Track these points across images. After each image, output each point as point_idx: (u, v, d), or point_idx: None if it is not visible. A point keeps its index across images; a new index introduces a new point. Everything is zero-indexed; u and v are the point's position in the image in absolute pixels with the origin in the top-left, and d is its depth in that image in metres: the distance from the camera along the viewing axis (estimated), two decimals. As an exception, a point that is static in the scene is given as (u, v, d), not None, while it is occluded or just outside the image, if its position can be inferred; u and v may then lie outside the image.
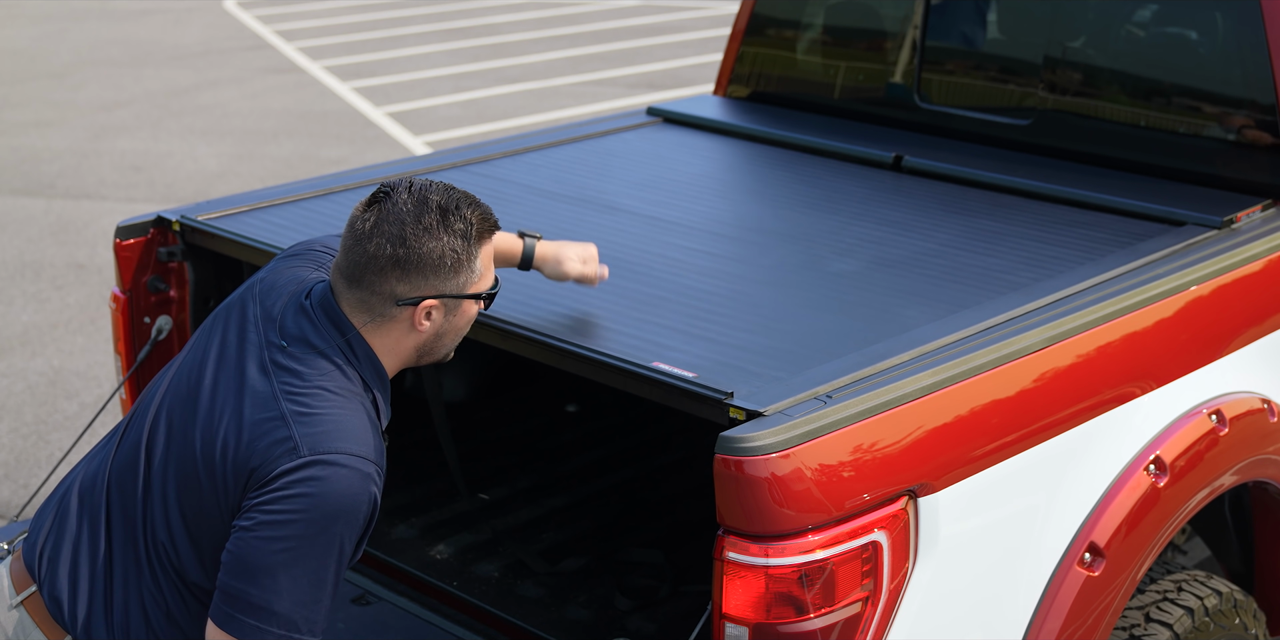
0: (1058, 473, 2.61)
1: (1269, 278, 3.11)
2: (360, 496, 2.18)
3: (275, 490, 2.16)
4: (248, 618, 2.16)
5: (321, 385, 2.26)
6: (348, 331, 2.31)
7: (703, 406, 2.42)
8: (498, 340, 2.78)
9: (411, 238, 2.25)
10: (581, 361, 2.62)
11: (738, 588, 2.24)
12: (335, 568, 2.19)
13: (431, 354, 2.41)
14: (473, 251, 2.32)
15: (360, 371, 2.31)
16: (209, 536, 2.26)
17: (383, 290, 2.28)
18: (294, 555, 2.15)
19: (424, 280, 2.28)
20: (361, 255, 2.27)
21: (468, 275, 2.32)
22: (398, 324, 2.32)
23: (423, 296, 2.29)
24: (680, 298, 2.89)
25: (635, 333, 2.71)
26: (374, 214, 2.28)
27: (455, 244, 2.29)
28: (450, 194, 2.33)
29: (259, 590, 2.15)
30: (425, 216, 2.27)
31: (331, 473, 2.16)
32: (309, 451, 2.17)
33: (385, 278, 2.27)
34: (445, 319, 2.35)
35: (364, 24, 14.00)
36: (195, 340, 2.44)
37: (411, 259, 2.26)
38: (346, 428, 2.22)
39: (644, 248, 3.20)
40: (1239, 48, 3.45)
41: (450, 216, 2.28)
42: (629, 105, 10.26)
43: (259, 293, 2.42)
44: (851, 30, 4.26)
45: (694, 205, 3.53)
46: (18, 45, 12.87)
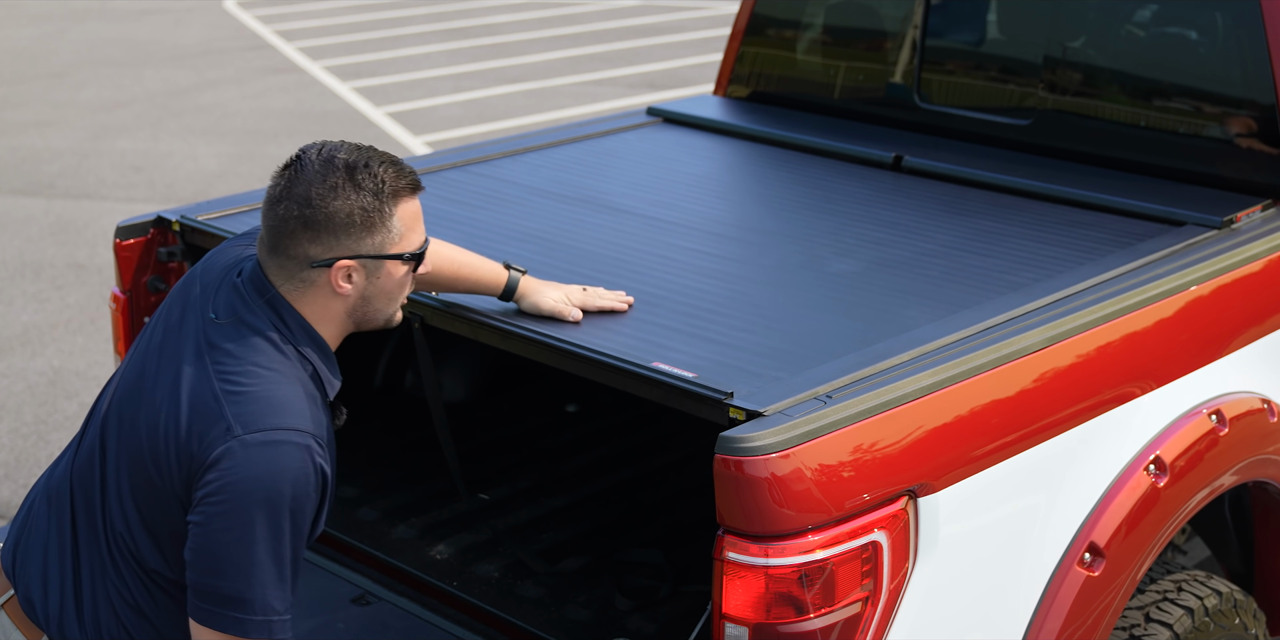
0: (1058, 473, 2.61)
1: (1269, 278, 3.11)
2: (303, 469, 2.18)
3: (217, 478, 2.15)
4: (226, 611, 2.17)
5: (254, 361, 2.23)
6: (280, 307, 2.28)
7: (703, 406, 2.42)
8: (498, 340, 2.78)
9: (317, 197, 2.22)
10: (581, 361, 2.62)
11: (737, 588, 2.24)
12: (293, 542, 2.19)
13: (367, 319, 2.36)
14: (386, 209, 2.26)
15: (295, 344, 2.28)
16: (162, 522, 2.26)
17: (297, 253, 2.25)
18: (251, 541, 2.15)
19: (335, 240, 2.24)
20: (275, 220, 2.25)
21: (384, 235, 2.27)
22: (319, 288, 2.28)
23: (335, 257, 2.25)
24: (680, 298, 2.89)
25: (635, 333, 2.71)
26: (285, 178, 2.26)
27: (364, 201, 2.23)
28: (360, 152, 2.28)
29: (228, 582, 2.16)
30: (331, 175, 2.23)
31: (269, 451, 2.15)
32: (243, 430, 2.16)
33: (297, 240, 2.24)
34: (368, 281, 2.29)
35: (364, 24, 14.00)
36: (143, 332, 2.44)
37: (319, 219, 2.22)
38: (279, 402, 2.20)
39: (644, 248, 3.20)
40: (1239, 48, 3.45)
41: (358, 174, 2.24)
42: (629, 105, 10.26)
43: (200, 275, 2.40)
44: (851, 30, 4.26)
45: (694, 205, 3.53)
46: (18, 45, 12.88)
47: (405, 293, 2.38)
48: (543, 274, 3.03)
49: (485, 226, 3.35)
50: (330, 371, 2.35)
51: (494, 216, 3.42)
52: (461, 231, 3.30)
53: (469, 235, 3.28)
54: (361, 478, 3.59)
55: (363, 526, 3.37)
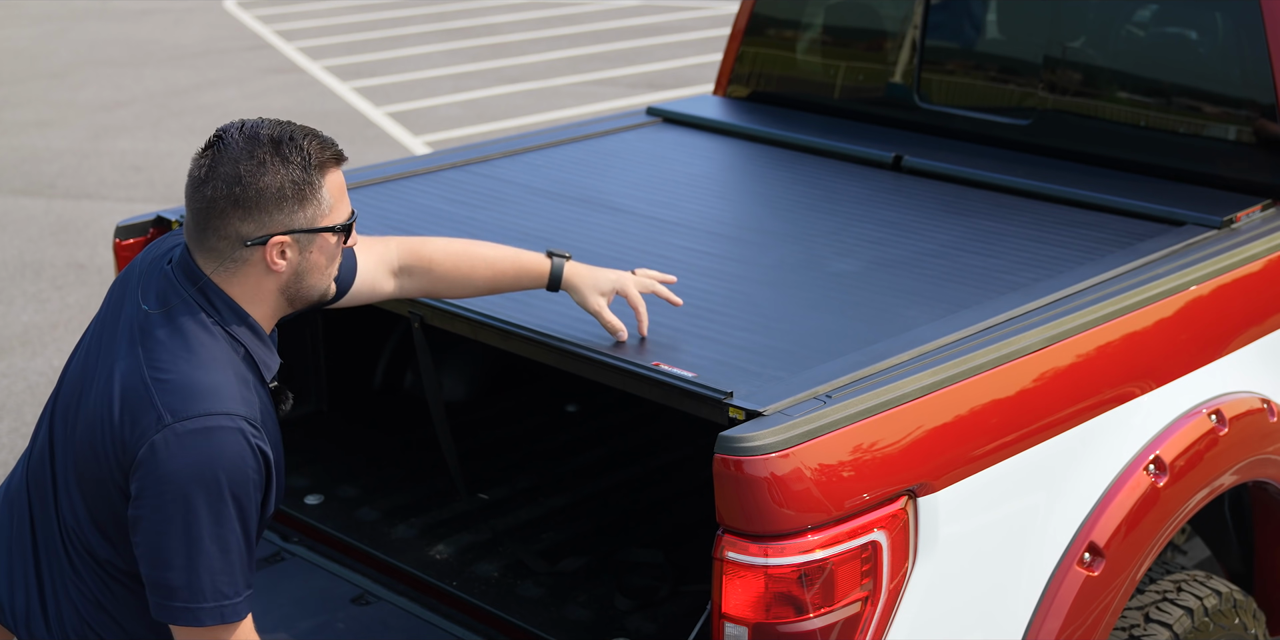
0: (1057, 472, 2.61)
1: (1269, 278, 3.11)
2: (237, 452, 2.16)
3: (151, 469, 2.15)
4: (177, 602, 2.17)
5: (182, 346, 2.22)
6: (207, 289, 2.26)
7: (702, 406, 2.42)
8: (498, 340, 2.78)
9: (246, 174, 2.19)
10: (581, 361, 2.62)
11: (737, 587, 2.24)
12: (241, 526, 2.18)
13: (300, 295, 2.33)
14: (314, 181, 2.24)
15: (225, 325, 2.26)
16: (107, 512, 2.26)
17: (229, 233, 2.22)
18: (193, 530, 2.15)
19: (268, 217, 2.21)
20: (202, 201, 2.22)
21: (315, 208, 2.25)
22: (251, 267, 2.26)
23: (270, 234, 2.22)
24: (680, 297, 2.89)
25: (635, 332, 2.71)
26: (208, 158, 2.22)
27: (294, 174, 2.21)
28: (284, 127, 2.25)
29: (175, 573, 2.16)
30: (258, 151, 2.20)
31: (199, 438, 2.14)
32: (172, 418, 2.15)
33: (228, 220, 2.21)
34: (301, 256, 2.27)
35: (364, 24, 14.00)
36: (87, 328, 2.44)
37: (250, 196, 2.19)
38: (207, 387, 2.18)
39: (644, 248, 3.20)
40: (1239, 48, 3.45)
41: (284, 147, 2.21)
42: (629, 105, 10.26)
43: (136, 267, 2.39)
44: (851, 30, 4.26)
45: (694, 205, 3.53)
46: (18, 45, 12.88)
47: (336, 266, 2.36)
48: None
49: (485, 226, 3.35)
50: (265, 352, 2.33)
51: (494, 216, 3.42)
52: (462, 231, 3.30)
53: (469, 235, 3.28)
54: (361, 478, 3.59)
55: (363, 526, 3.37)
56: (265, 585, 3.13)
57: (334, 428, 3.84)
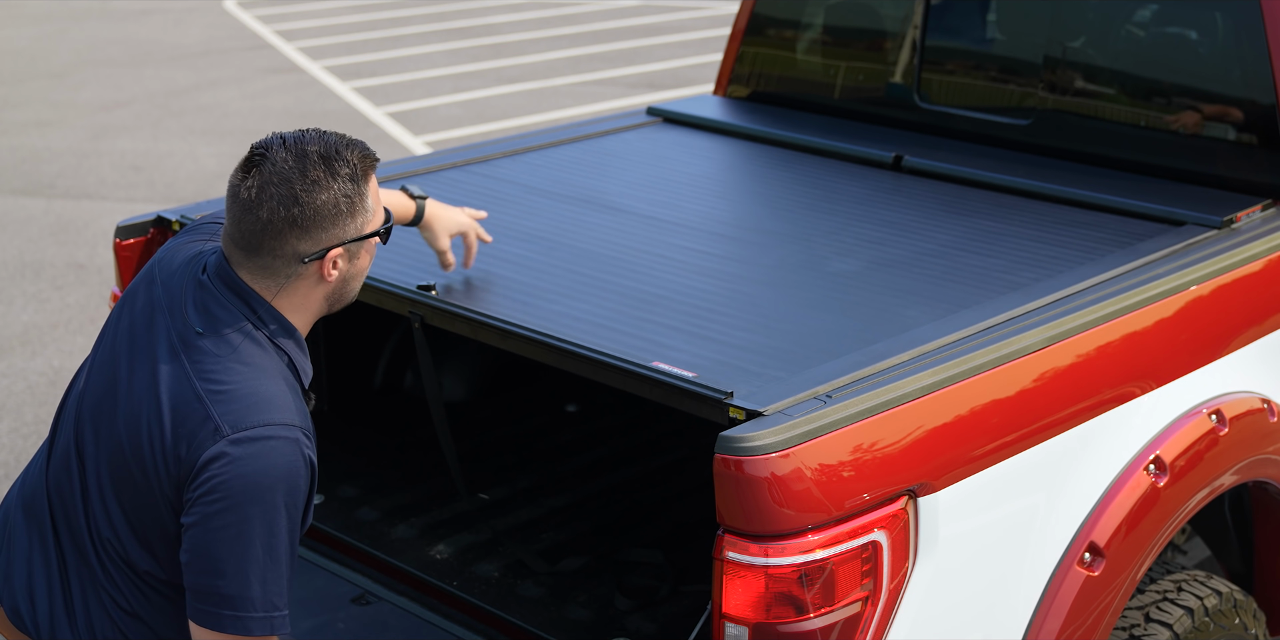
0: (1058, 472, 2.61)
1: (1269, 278, 3.11)
2: (294, 463, 2.17)
3: (209, 478, 2.14)
4: (226, 610, 2.17)
5: (233, 358, 2.22)
6: (253, 302, 2.27)
7: (703, 406, 2.42)
8: (498, 340, 2.77)
9: (303, 194, 2.19)
10: (581, 361, 2.62)
11: (737, 587, 2.24)
12: (288, 538, 2.18)
13: (342, 300, 2.37)
14: (363, 191, 2.26)
15: (271, 336, 2.27)
16: (152, 525, 2.25)
17: (285, 253, 2.23)
18: (247, 538, 2.14)
19: (324, 233, 2.23)
20: (255, 223, 2.21)
21: (364, 217, 2.27)
22: (304, 280, 2.27)
23: (326, 248, 2.24)
24: (680, 297, 2.89)
25: (635, 332, 2.71)
26: (256, 178, 2.21)
27: (346, 189, 2.23)
28: (325, 139, 2.26)
29: (226, 581, 2.15)
30: (311, 169, 2.20)
31: (259, 448, 2.14)
32: (231, 430, 2.15)
33: (284, 240, 2.21)
34: (351, 264, 2.30)
35: (364, 24, 14.00)
36: (104, 334, 2.42)
37: (308, 216, 2.20)
38: (264, 398, 2.19)
39: (644, 248, 3.20)
40: (1239, 48, 3.45)
41: (335, 163, 2.22)
42: (629, 105, 10.26)
43: (159, 275, 2.38)
44: (851, 30, 4.26)
45: (694, 205, 3.53)
46: (18, 45, 12.87)
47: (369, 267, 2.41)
48: (543, 273, 3.04)
49: (485, 226, 3.35)
50: (304, 359, 2.35)
51: (494, 216, 3.42)
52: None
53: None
54: (361, 478, 3.59)
55: (363, 526, 3.37)
56: (265, 585, 3.12)
57: (334, 428, 3.84)
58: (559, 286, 2.96)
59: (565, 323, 2.74)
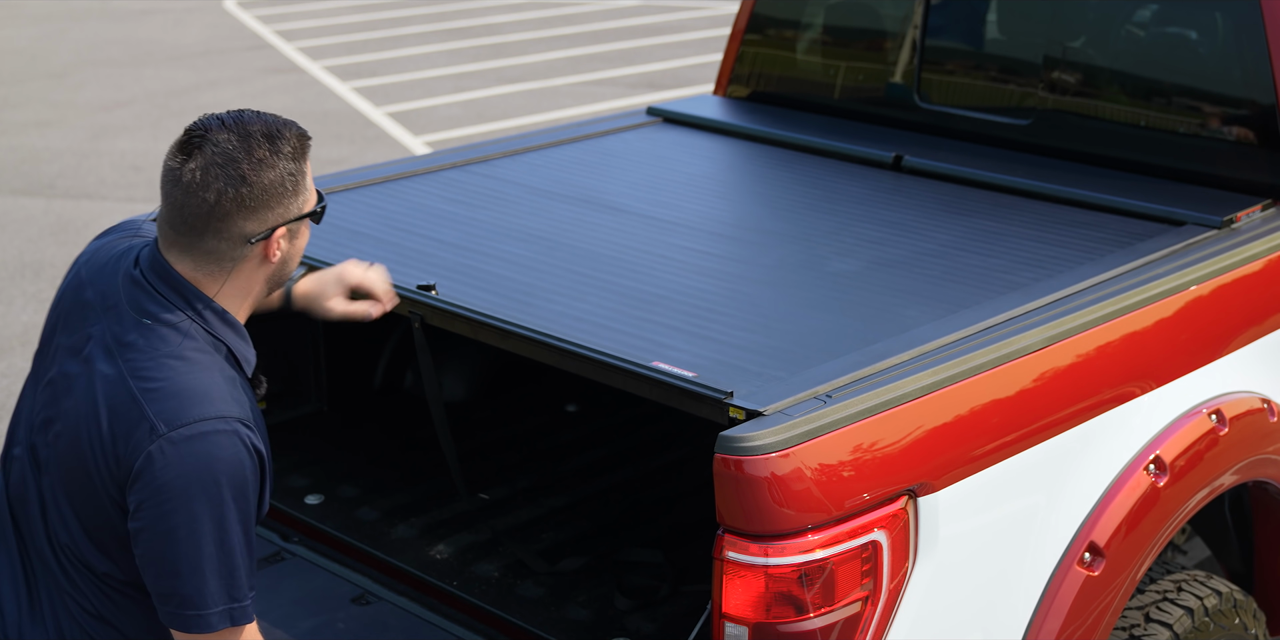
0: (1058, 472, 2.61)
1: (1269, 278, 3.11)
2: (236, 455, 2.16)
3: (150, 480, 2.13)
4: (188, 611, 2.17)
5: (165, 353, 2.20)
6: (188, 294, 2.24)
7: (702, 406, 2.42)
8: (497, 340, 2.77)
9: (251, 173, 2.17)
10: (581, 361, 2.62)
11: (737, 587, 2.24)
12: (241, 529, 2.18)
13: (280, 282, 2.35)
14: (304, 169, 2.26)
15: (207, 327, 2.25)
16: (105, 528, 2.25)
17: (232, 235, 2.21)
18: (197, 537, 2.13)
19: (270, 212, 2.22)
20: (201, 206, 2.17)
21: (304, 195, 2.27)
22: (248, 262, 2.26)
23: (272, 228, 2.23)
24: (680, 297, 2.89)
25: (635, 332, 2.71)
26: (198, 160, 2.18)
27: (290, 167, 2.22)
28: (264, 118, 2.25)
29: (182, 582, 2.15)
30: (256, 149, 2.19)
31: (196, 444, 2.13)
32: (167, 427, 2.13)
33: (232, 222, 2.19)
34: (291, 244, 2.30)
35: (364, 24, 14.00)
36: (42, 341, 2.40)
37: (256, 195, 2.18)
38: (199, 392, 2.17)
39: (644, 248, 3.20)
40: (1239, 48, 3.45)
41: (278, 141, 2.21)
42: (629, 105, 10.26)
43: (86, 276, 2.35)
44: (851, 30, 4.26)
45: (694, 205, 3.53)
46: (18, 45, 12.87)
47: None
48: (543, 272, 3.04)
49: (485, 226, 3.35)
50: (245, 347, 2.32)
51: (494, 216, 3.42)
52: (462, 231, 3.30)
53: (470, 235, 3.28)
54: (361, 478, 3.59)
55: (363, 526, 3.37)
56: (265, 585, 3.12)
57: (334, 428, 3.84)
58: (559, 286, 2.96)
59: (565, 323, 2.74)
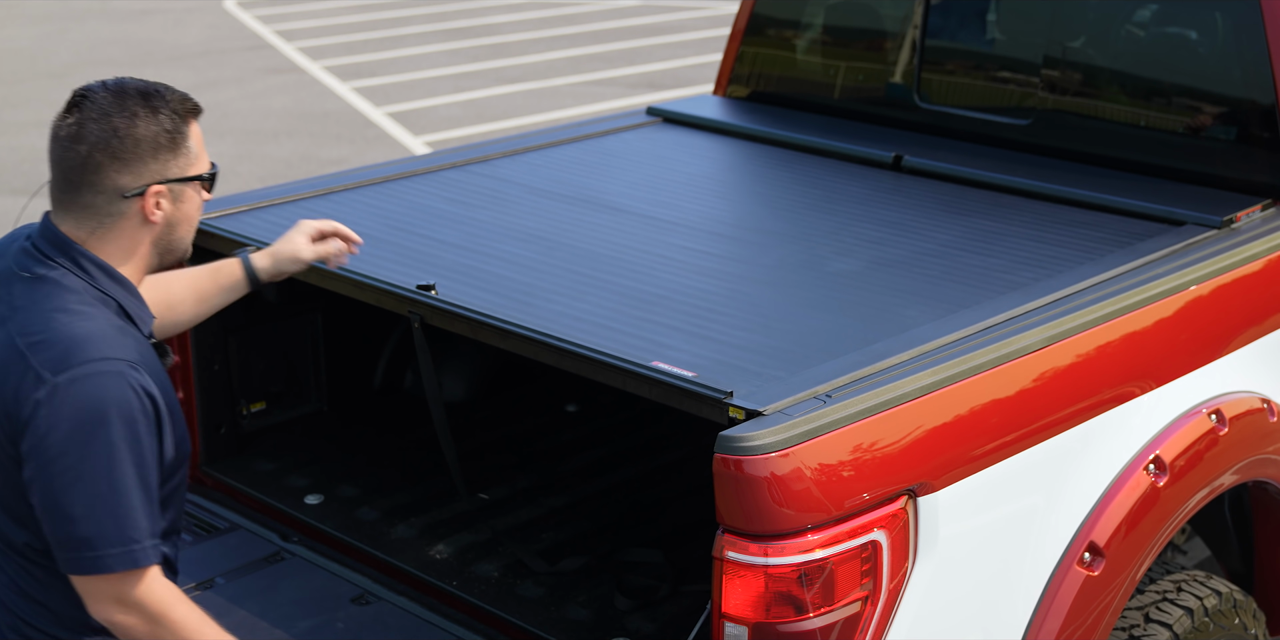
0: (1057, 472, 2.61)
1: (1269, 278, 3.11)
2: (122, 395, 2.18)
3: (37, 426, 2.16)
4: (85, 552, 2.17)
5: (50, 308, 2.25)
6: (73, 251, 2.30)
7: (702, 406, 2.42)
8: (497, 339, 2.77)
9: (122, 126, 2.26)
10: (581, 361, 2.62)
11: (737, 587, 2.24)
12: (136, 471, 2.19)
13: (171, 248, 2.39)
14: (183, 131, 2.32)
15: (94, 284, 2.30)
16: (14, 493, 2.27)
17: (105, 187, 2.28)
18: (89, 478, 2.15)
19: (144, 166, 2.28)
20: (76, 159, 2.27)
21: (186, 157, 2.32)
22: (128, 221, 2.31)
23: (147, 183, 2.28)
24: (680, 297, 2.89)
25: (635, 332, 2.71)
26: (76, 116, 2.28)
27: (165, 123, 2.29)
28: (146, 82, 2.34)
29: (77, 525, 2.16)
30: (130, 103, 2.28)
31: (80, 386, 2.16)
32: (51, 374, 2.17)
33: (105, 173, 2.26)
34: (175, 206, 2.34)
35: (364, 24, 14.00)
36: None
37: (127, 146, 2.26)
38: (81, 337, 2.21)
39: (644, 248, 3.20)
40: (1239, 48, 3.45)
41: (154, 100, 2.30)
42: (629, 105, 10.26)
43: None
44: (851, 30, 4.26)
45: (694, 205, 3.53)
46: (18, 45, 12.87)
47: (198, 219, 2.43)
48: (543, 273, 3.04)
49: (485, 226, 3.35)
50: (138, 306, 2.36)
51: (494, 216, 3.42)
52: (462, 231, 3.30)
53: (469, 235, 3.28)
54: (361, 478, 3.59)
55: (363, 526, 3.37)
56: (265, 585, 3.13)
57: (334, 428, 3.84)
58: (559, 286, 2.96)
59: (565, 322, 2.74)
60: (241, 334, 3.63)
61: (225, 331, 3.57)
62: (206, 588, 3.10)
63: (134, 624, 2.24)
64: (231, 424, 3.66)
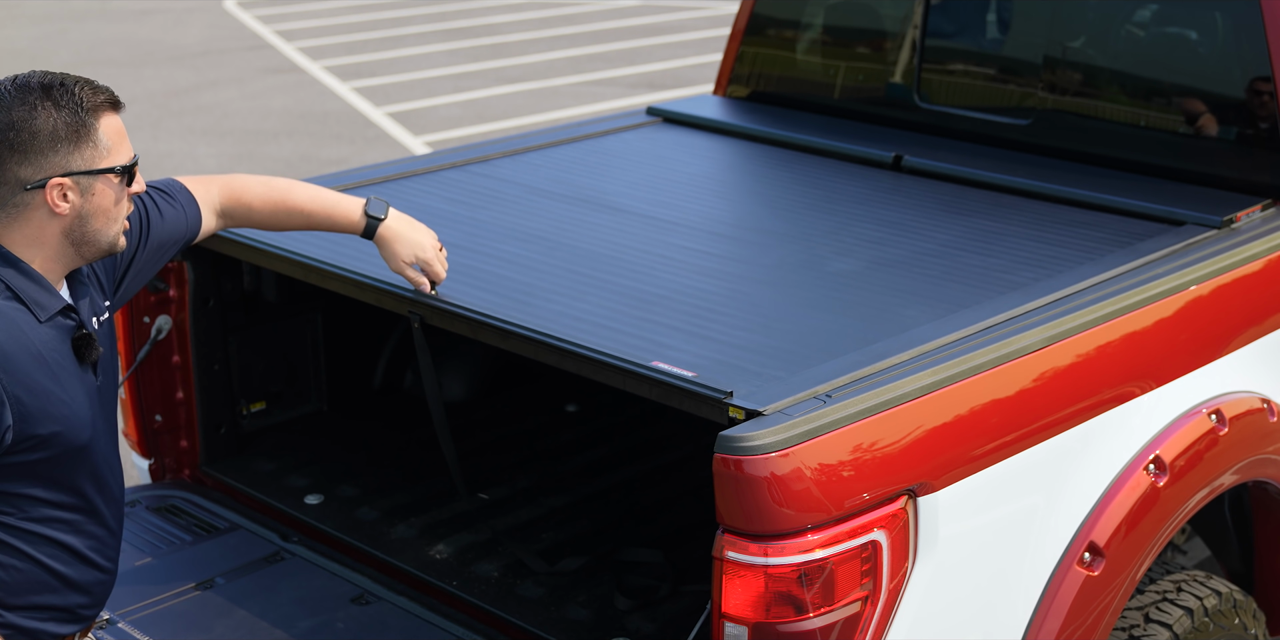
0: (1057, 472, 2.61)
1: (1269, 278, 3.11)
2: None
3: None
4: None
5: None
6: None
7: (702, 406, 2.42)
8: (498, 340, 2.77)
9: (20, 120, 2.26)
10: (581, 361, 2.62)
11: (737, 587, 2.24)
12: None
13: (87, 240, 2.37)
14: (88, 123, 2.30)
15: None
16: None
17: (8, 179, 2.28)
18: None
19: (44, 159, 2.27)
20: None
21: (92, 150, 2.31)
22: (33, 211, 2.31)
23: (48, 176, 2.28)
24: (680, 297, 2.89)
25: (635, 332, 2.71)
26: None
27: (66, 117, 2.28)
28: (54, 75, 2.33)
29: None
30: (29, 97, 2.27)
31: None
32: None
33: (6, 165, 2.27)
34: (84, 199, 2.32)
35: (364, 24, 14.00)
36: None
37: (24, 138, 2.26)
38: None
39: (644, 248, 3.20)
40: (1239, 48, 3.45)
41: (54, 92, 2.29)
42: (629, 105, 10.26)
43: None
44: (851, 30, 4.26)
45: (694, 205, 3.53)
46: (18, 45, 12.87)
47: (124, 213, 2.41)
48: (543, 273, 3.03)
49: (485, 226, 3.35)
50: (39, 292, 2.34)
51: (494, 216, 3.42)
52: (462, 231, 3.30)
53: (469, 235, 3.28)
54: (361, 477, 3.59)
55: (363, 526, 3.37)
56: (265, 585, 3.13)
57: (334, 428, 3.84)
58: (559, 286, 2.95)
59: (565, 322, 2.74)
60: (241, 334, 3.63)
61: (225, 331, 3.57)
62: (206, 588, 3.10)
63: None
64: (231, 424, 3.66)
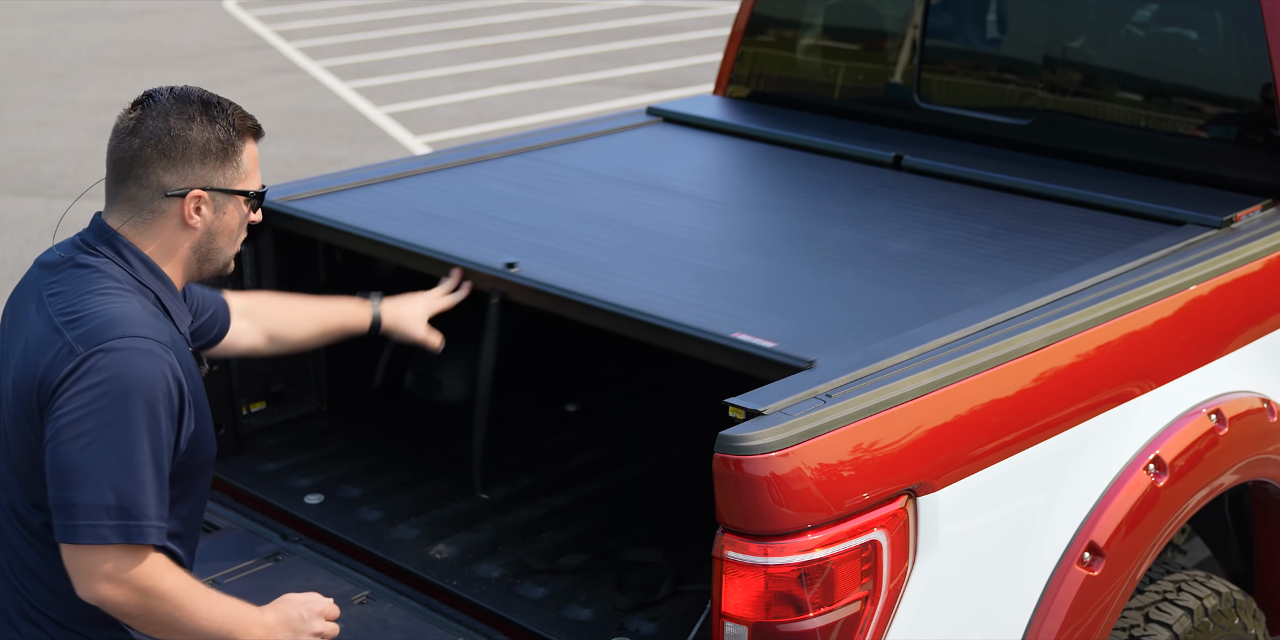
0: (1057, 472, 2.61)
1: (1269, 278, 3.11)
2: (150, 372, 2.20)
3: (63, 394, 2.19)
4: (81, 520, 2.16)
5: (88, 291, 2.29)
6: (117, 243, 2.35)
7: (782, 374, 2.49)
8: (582, 315, 2.87)
9: (176, 127, 2.32)
10: (665, 334, 2.74)
11: (737, 587, 2.24)
12: (151, 451, 2.19)
13: (210, 257, 2.43)
14: (236, 145, 2.37)
15: (134, 275, 2.35)
16: (26, 462, 2.29)
17: (150, 182, 2.33)
18: (99, 445, 2.16)
19: (190, 169, 2.33)
20: (127, 150, 2.33)
21: (234, 170, 2.37)
22: (168, 219, 2.36)
23: (189, 187, 2.33)
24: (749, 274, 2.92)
25: (712, 306, 2.77)
26: (138, 112, 2.35)
27: (219, 133, 2.35)
28: (212, 94, 2.40)
29: (80, 490, 2.16)
30: (188, 107, 2.34)
31: (111, 359, 2.19)
32: (84, 348, 2.20)
33: (152, 168, 2.32)
34: (215, 215, 2.38)
35: (364, 24, 14.00)
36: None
37: (177, 146, 2.31)
38: (117, 316, 2.24)
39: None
40: (1239, 48, 3.45)
41: (212, 108, 2.36)
42: (629, 105, 10.26)
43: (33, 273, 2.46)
44: (851, 30, 4.26)
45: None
46: (18, 45, 12.87)
47: (241, 238, 2.47)
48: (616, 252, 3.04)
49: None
50: (176, 303, 2.41)
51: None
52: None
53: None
54: (363, 478, 3.59)
55: (363, 526, 3.37)
56: (265, 585, 3.12)
57: (334, 428, 3.84)
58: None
59: (642, 297, 2.84)
60: (242, 334, 3.63)
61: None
62: (207, 587, 3.09)
63: (123, 600, 2.21)
64: (231, 424, 3.66)
